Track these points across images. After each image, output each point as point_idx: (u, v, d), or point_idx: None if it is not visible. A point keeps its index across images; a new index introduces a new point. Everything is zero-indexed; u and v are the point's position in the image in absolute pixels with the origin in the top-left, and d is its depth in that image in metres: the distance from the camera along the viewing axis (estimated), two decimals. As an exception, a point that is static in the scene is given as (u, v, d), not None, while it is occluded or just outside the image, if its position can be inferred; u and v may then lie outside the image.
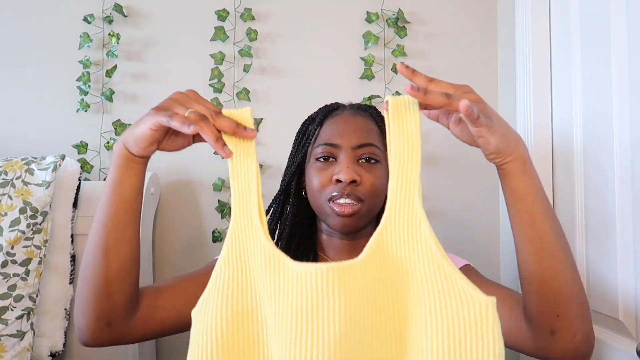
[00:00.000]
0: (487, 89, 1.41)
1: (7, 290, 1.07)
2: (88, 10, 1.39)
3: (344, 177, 0.86)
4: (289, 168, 0.99)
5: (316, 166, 0.92)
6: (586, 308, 0.72)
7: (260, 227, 0.63)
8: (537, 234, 0.69)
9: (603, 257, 1.03)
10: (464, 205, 1.39)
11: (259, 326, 0.63)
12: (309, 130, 0.96)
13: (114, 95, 1.39)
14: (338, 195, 0.87)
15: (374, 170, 0.91)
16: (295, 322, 0.58)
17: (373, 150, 0.91)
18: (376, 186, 0.90)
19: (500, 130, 0.66)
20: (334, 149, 0.90)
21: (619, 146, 0.98)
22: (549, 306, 0.69)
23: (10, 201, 1.10)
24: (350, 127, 0.92)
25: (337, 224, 0.89)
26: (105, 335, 0.76)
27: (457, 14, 1.42)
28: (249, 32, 1.39)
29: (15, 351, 1.06)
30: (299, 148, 0.98)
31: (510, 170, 0.70)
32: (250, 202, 0.65)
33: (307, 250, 0.96)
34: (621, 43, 0.97)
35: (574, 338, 0.70)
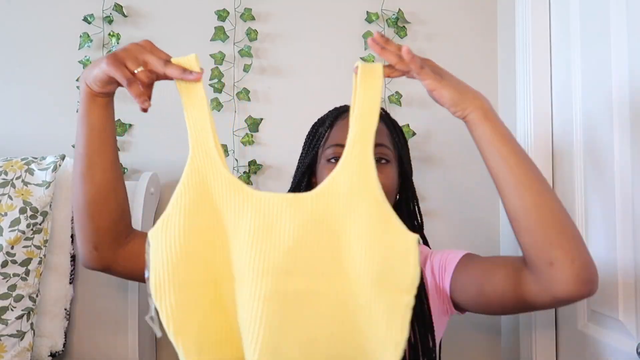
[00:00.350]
0: (487, 89, 1.40)
1: (7, 290, 1.07)
2: (88, 10, 1.39)
3: None
4: (299, 169, 1.01)
5: (327, 167, 0.94)
6: (578, 236, 0.75)
7: (217, 158, 0.73)
8: (511, 172, 0.75)
9: (603, 257, 1.03)
10: (464, 205, 1.39)
11: (220, 240, 0.72)
12: (319, 132, 0.98)
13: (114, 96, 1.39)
14: None
15: (384, 170, 0.92)
16: (252, 237, 0.69)
17: (383, 150, 0.93)
18: (386, 186, 0.90)
19: (452, 84, 0.77)
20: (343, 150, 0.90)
21: (618, 144, 0.98)
22: (540, 237, 0.73)
23: (10, 201, 1.10)
24: None
25: None
26: (94, 259, 0.85)
27: (457, 14, 1.42)
28: (249, 32, 1.39)
29: (15, 351, 1.06)
30: (309, 149, 1.00)
31: (473, 119, 0.77)
32: (206, 136, 0.73)
33: None
34: (621, 43, 0.97)
35: (572, 265, 0.72)
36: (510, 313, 0.87)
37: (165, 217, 0.72)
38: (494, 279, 0.82)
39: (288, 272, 0.70)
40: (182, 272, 0.70)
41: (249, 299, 0.69)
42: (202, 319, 0.72)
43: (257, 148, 1.39)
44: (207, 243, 0.72)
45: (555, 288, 0.73)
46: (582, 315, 1.10)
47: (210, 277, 0.73)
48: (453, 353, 1.32)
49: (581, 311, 1.10)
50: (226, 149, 1.38)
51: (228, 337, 0.74)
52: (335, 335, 0.71)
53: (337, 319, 0.71)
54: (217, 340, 0.74)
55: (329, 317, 0.71)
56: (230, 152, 1.38)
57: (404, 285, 0.68)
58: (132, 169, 1.39)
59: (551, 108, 1.23)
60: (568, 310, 1.15)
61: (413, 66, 0.75)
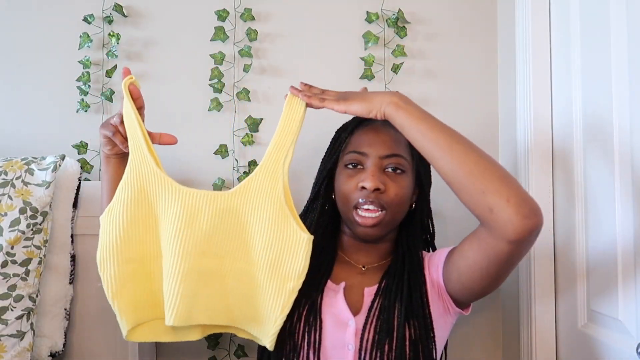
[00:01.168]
0: (487, 89, 1.41)
1: (7, 290, 1.07)
2: (88, 10, 1.39)
3: (368, 185, 0.93)
4: (320, 172, 1.05)
5: (345, 172, 0.98)
6: (507, 176, 0.81)
7: (150, 158, 0.90)
8: (433, 143, 0.84)
9: (603, 257, 1.03)
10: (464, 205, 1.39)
11: (152, 227, 0.91)
12: (341, 138, 1.03)
13: (114, 95, 1.39)
14: (363, 202, 0.94)
15: (399, 180, 0.96)
16: (176, 224, 0.87)
17: (400, 160, 0.97)
18: (400, 196, 0.96)
19: (357, 98, 0.89)
20: (362, 157, 0.97)
21: (619, 145, 0.98)
22: (472, 190, 0.81)
23: (10, 201, 1.10)
24: (379, 138, 0.97)
25: (359, 233, 0.97)
26: None
27: (457, 14, 1.42)
28: (249, 32, 1.39)
29: (15, 351, 1.06)
30: (330, 153, 1.04)
31: (390, 113, 0.87)
32: (139, 141, 0.90)
33: (329, 248, 1.02)
34: (621, 43, 0.97)
35: (509, 203, 0.78)
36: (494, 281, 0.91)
37: (111, 206, 0.91)
38: (465, 253, 0.90)
39: (203, 253, 0.88)
40: (121, 250, 0.89)
41: (170, 274, 0.88)
42: (135, 286, 0.92)
43: (257, 148, 1.39)
44: (141, 228, 0.90)
45: (504, 231, 0.79)
46: (582, 315, 1.10)
47: (143, 255, 0.91)
48: (453, 353, 1.32)
49: (581, 311, 1.10)
50: (226, 149, 1.38)
51: (155, 301, 0.93)
52: (235, 305, 0.92)
53: (237, 293, 0.91)
54: (146, 303, 0.93)
55: (231, 290, 0.91)
56: (230, 152, 1.38)
57: (291, 274, 0.87)
58: (132, 169, 1.39)
59: (551, 108, 1.23)
60: (568, 310, 1.16)
61: (314, 102, 0.90)
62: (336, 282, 0.99)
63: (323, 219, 1.04)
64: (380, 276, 0.99)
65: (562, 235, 1.18)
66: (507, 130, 1.35)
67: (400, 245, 1.03)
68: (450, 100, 1.40)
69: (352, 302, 0.96)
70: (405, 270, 0.97)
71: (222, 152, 1.38)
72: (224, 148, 1.38)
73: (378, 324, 0.92)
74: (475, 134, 1.39)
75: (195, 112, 1.40)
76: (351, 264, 1.03)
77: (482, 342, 1.38)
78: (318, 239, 0.97)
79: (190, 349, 1.36)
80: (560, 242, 1.19)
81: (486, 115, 1.40)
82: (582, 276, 1.10)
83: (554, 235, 1.21)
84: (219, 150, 1.38)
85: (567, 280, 1.16)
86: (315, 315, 0.94)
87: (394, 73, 1.39)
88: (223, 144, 1.38)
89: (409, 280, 0.96)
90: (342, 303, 0.95)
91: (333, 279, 1.00)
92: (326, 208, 1.05)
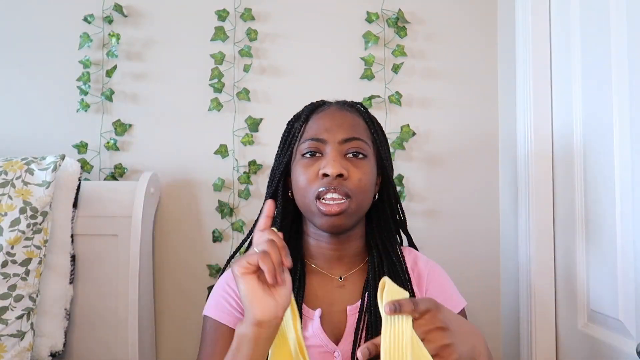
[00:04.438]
0: (487, 89, 1.41)
1: (7, 290, 1.07)
2: (88, 10, 1.39)
3: (330, 171, 0.85)
4: (276, 168, 0.96)
5: (302, 162, 0.90)
6: None
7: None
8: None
9: (603, 257, 1.03)
10: (464, 205, 1.39)
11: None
12: (294, 128, 0.95)
13: (114, 95, 1.39)
14: (325, 191, 0.85)
15: (362, 165, 0.89)
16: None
17: (360, 144, 0.90)
18: (364, 182, 0.88)
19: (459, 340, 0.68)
20: (320, 144, 0.89)
21: (619, 146, 0.98)
22: None
23: (10, 201, 1.10)
24: (336, 122, 0.91)
25: (324, 224, 0.87)
26: None
27: (457, 14, 1.42)
28: (249, 32, 1.39)
29: (15, 351, 1.06)
30: (285, 147, 0.96)
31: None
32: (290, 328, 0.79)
33: (294, 257, 0.90)
34: (621, 43, 0.97)
35: None
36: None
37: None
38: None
39: None
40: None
41: None
42: None
43: (257, 148, 1.39)
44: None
45: None
46: (582, 315, 1.10)
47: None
48: (453, 353, 1.32)
49: (581, 311, 1.10)
50: (226, 149, 1.38)
51: None
52: None
53: None
54: None
55: None
56: (230, 152, 1.38)
57: None
58: (132, 169, 1.39)
59: (551, 109, 1.23)
60: (568, 310, 1.16)
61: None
62: (312, 306, 0.89)
63: (286, 223, 0.95)
64: (360, 287, 0.92)
65: (562, 235, 1.18)
66: (507, 130, 1.35)
67: (374, 243, 0.96)
68: (450, 100, 1.40)
69: (333, 328, 0.88)
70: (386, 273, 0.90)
71: (222, 152, 1.38)
72: (224, 148, 1.38)
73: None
74: (475, 134, 1.40)
75: (195, 112, 1.40)
76: (326, 276, 0.93)
77: (482, 342, 1.38)
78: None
79: (190, 349, 1.36)
80: (560, 242, 1.19)
81: (486, 115, 1.40)
82: (583, 276, 1.10)
83: (554, 236, 1.21)
84: (219, 150, 1.38)
85: (567, 280, 1.16)
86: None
87: (394, 73, 1.39)
88: (223, 144, 1.38)
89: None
90: (321, 335, 0.86)
91: (308, 300, 0.90)
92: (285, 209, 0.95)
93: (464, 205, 1.39)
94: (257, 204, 1.38)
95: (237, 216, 1.38)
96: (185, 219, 1.39)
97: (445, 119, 1.40)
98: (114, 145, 1.38)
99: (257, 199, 1.38)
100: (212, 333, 0.90)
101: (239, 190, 1.38)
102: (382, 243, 0.95)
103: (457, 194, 1.39)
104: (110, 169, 1.39)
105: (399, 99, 1.38)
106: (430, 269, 0.96)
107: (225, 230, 1.38)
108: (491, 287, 1.38)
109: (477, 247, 1.39)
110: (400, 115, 1.39)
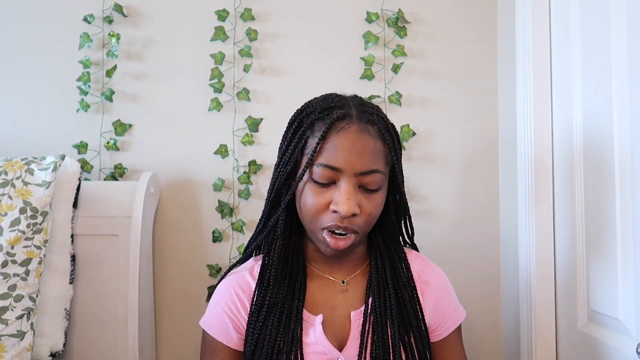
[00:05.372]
0: (487, 89, 1.41)
1: (7, 290, 1.07)
2: (88, 10, 1.39)
3: (344, 211, 0.80)
4: (280, 174, 0.88)
5: (313, 187, 0.84)
6: None
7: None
8: None
9: (603, 257, 1.03)
10: (464, 205, 1.39)
11: None
12: (306, 135, 0.85)
13: (114, 95, 1.39)
14: (333, 226, 0.82)
15: (374, 198, 0.85)
16: None
17: (377, 178, 0.83)
18: (373, 215, 0.85)
19: None
20: (336, 174, 0.82)
21: (619, 146, 0.98)
22: None
23: (10, 201, 1.10)
24: (356, 150, 0.82)
25: (327, 252, 0.86)
26: None
27: (457, 14, 1.42)
28: (249, 32, 1.39)
29: (15, 351, 1.06)
30: (293, 153, 0.86)
31: None
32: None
33: (296, 260, 0.92)
34: (621, 43, 0.97)
35: None
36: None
37: None
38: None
39: None
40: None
41: None
42: None
43: (257, 148, 1.39)
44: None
45: None
46: (582, 315, 1.10)
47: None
48: (453, 353, 1.32)
49: (581, 311, 1.10)
50: (226, 149, 1.38)
51: None
52: None
53: None
54: None
55: None
56: (230, 152, 1.38)
57: None
58: (132, 169, 1.39)
59: (551, 108, 1.23)
60: (568, 310, 1.16)
61: None
62: (313, 311, 0.88)
63: (287, 225, 0.90)
64: (363, 291, 0.91)
65: (562, 235, 1.18)
66: (507, 130, 1.35)
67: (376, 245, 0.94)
68: (450, 101, 1.40)
69: (336, 333, 0.87)
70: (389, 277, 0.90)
71: (222, 152, 1.38)
72: (224, 148, 1.38)
73: (373, 348, 0.85)
74: (475, 134, 1.40)
75: (195, 112, 1.40)
76: (328, 280, 0.92)
77: (483, 342, 1.37)
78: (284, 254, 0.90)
79: (190, 349, 1.36)
80: (560, 242, 1.19)
81: (486, 115, 1.40)
82: (583, 276, 1.10)
83: (554, 236, 1.21)
84: (219, 150, 1.38)
85: (567, 280, 1.16)
86: (297, 352, 0.84)
87: (394, 73, 1.39)
88: (223, 144, 1.38)
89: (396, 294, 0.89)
90: (324, 342, 0.85)
91: (310, 305, 0.89)
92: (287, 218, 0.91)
93: (463, 205, 1.39)
94: (257, 204, 1.38)
95: (237, 216, 1.38)
96: (185, 219, 1.39)
97: (445, 119, 1.40)
98: (114, 145, 1.38)
99: (257, 199, 1.38)
100: (210, 349, 0.92)
101: (239, 190, 1.38)
102: (385, 244, 0.95)
103: (457, 194, 1.39)
104: (110, 169, 1.39)
105: (399, 99, 1.38)
106: (438, 280, 0.96)
107: (225, 230, 1.38)
108: (491, 286, 1.38)
109: (477, 247, 1.39)
110: (400, 115, 1.39)
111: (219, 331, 0.90)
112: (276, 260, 0.89)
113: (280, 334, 0.85)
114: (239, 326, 0.90)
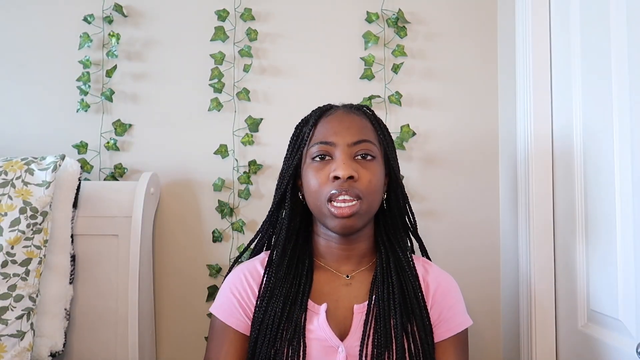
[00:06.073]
0: (487, 89, 1.41)
1: (7, 290, 1.07)
2: (88, 10, 1.40)
3: (341, 173, 0.88)
4: (285, 171, 0.99)
5: (313, 166, 0.93)
6: None
7: None
8: None
9: (603, 257, 1.03)
10: (464, 205, 1.39)
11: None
12: (303, 132, 0.97)
13: (114, 95, 1.39)
14: (337, 193, 0.88)
15: (371, 166, 0.92)
16: None
17: (368, 146, 0.92)
18: (374, 182, 0.91)
19: None
20: (330, 147, 0.92)
21: (619, 146, 0.98)
22: None
23: (10, 201, 1.10)
24: (344, 125, 0.93)
25: (336, 226, 0.90)
26: None
27: (457, 14, 1.42)
28: (249, 32, 1.39)
29: (15, 351, 1.06)
30: (294, 150, 0.98)
31: None
32: None
33: (303, 256, 0.97)
34: (621, 44, 0.97)
35: None
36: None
37: None
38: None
39: None
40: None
41: None
42: None
43: (257, 148, 1.39)
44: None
45: None
46: (582, 315, 1.10)
47: None
48: (453, 353, 1.32)
49: (581, 311, 1.10)
50: (226, 149, 1.38)
51: None
52: None
53: None
54: None
55: None
56: (230, 152, 1.38)
57: None
58: (132, 169, 1.39)
59: (551, 109, 1.23)
60: (568, 310, 1.16)
61: None
62: (318, 302, 0.92)
63: (294, 224, 0.98)
64: (367, 286, 0.94)
65: (562, 235, 1.18)
66: (507, 130, 1.35)
67: (382, 243, 0.98)
68: (450, 100, 1.40)
69: (338, 324, 0.90)
70: (393, 272, 0.93)
71: (222, 152, 1.38)
72: (224, 148, 1.38)
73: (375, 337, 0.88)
74: (475, 134, 1.40)
75: (195, 112, 1.40)
76: (333, 274, 0.96)
77: (483, 342, 1.37)
78: (292, 247, 0.96)
79: (190, 349, 1.36)
80: (560, 242, 1.19)
81: (486, 115, 1.40)
82: (583, 276, 1.10)
83: (554, 235, 1.21)
84: (219, 150, 1.38)
85: (567, 280, 1.16)
86: (299, 339, 0.87)
87: (394, 73, 1.39)
88: (223, 144, 1.38)
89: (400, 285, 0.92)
90: (326, 329, 0.88)
91: (315, 296, 0.93)
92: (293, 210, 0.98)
93: (463, 205, 1.39)
94: (257, 203, 1.38)
95: (237, 216, 1.38)
96: (185, 219, 1.39)
97: (445, 119, 1.40)
98: (114, 145, 1.38)
99: (257, 199, 1.38)
100: (219, 334, 0.93)
101: (239, 190, 1.38)
102: (390, 242, 0.98)
103: (457, 194, 1.39)
104: (110, 169, 1.39)
105: (399, 99, 1.38)
106: (439, 284, 0.97)
107: (225, 230, 1.38)
108: (491, 286, 1.38)
109: (477, 247, 1.39)
110: (400, 115, 1.39)
111: (229, 315, 0.94)
112: (281, 250, 0.95)
113: (283, 320, 0.89)
114: (247, 310, 0.93)
